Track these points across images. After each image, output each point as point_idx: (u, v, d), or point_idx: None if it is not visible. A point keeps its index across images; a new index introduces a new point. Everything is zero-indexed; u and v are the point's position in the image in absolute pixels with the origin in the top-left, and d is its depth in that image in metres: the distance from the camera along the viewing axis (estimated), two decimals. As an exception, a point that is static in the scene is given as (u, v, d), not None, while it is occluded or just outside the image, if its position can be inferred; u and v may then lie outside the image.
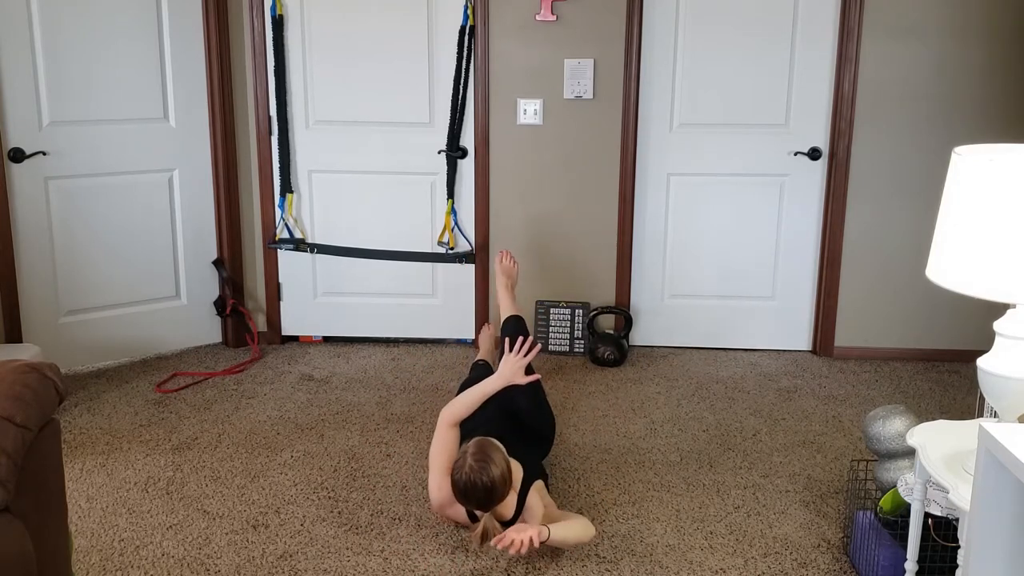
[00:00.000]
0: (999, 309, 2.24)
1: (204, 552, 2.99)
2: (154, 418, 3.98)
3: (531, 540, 2.79)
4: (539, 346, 3.31)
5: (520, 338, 3.26)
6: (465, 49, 4.50)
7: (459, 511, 3.06)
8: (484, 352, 4.21)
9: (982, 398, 2.73)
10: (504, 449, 2.98)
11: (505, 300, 4.11)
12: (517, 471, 3.06)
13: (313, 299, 4.85)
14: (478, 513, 2.99)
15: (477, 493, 2.86)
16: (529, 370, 3.33)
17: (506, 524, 3.03)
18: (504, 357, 3.22)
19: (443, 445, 3.11)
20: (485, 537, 2.90)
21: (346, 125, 4.65)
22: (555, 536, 2.89)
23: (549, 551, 3.00)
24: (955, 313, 4.62)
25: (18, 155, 4.09)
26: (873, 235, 4.62)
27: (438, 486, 3.06)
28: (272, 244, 4.75)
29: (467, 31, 4.49)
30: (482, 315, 4.78)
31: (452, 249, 4.71)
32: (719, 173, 4.66)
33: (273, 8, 4.50)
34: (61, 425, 3.77)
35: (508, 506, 3.01)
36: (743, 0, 4.46)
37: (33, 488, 2.17)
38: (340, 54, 4.57)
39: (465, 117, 4.59)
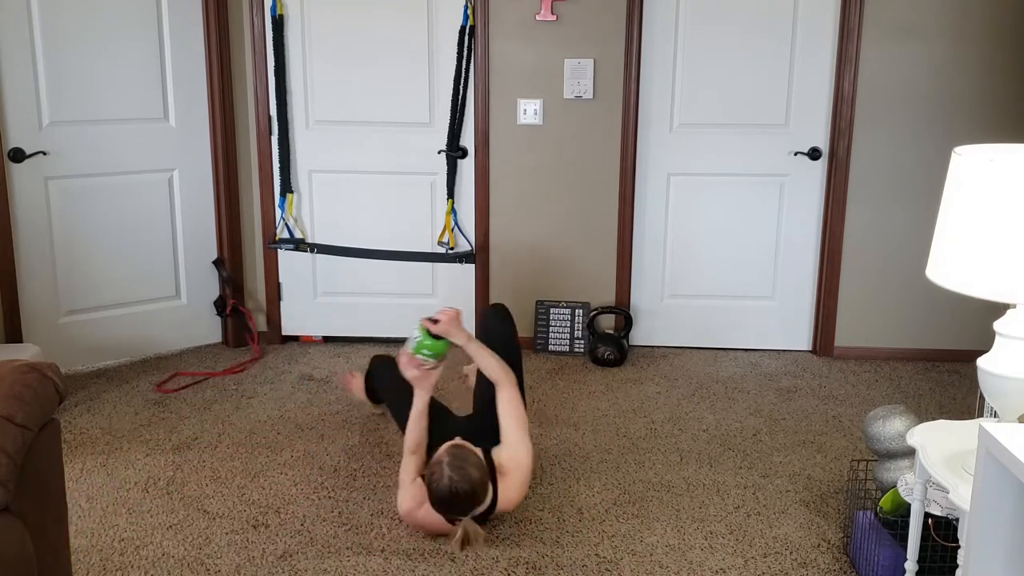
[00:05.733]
0: (999, 309, 2.24)
1: (204, 552, 2.99)
2: (154, 418, 3.98)
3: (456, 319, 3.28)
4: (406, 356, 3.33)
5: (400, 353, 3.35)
6: (465, 49, 4.50)
7: (431, 517, 3.02)
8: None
9: (982, 398, 2.72)
10: (474, 448, 3.02)
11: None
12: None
13: (313, 299, 4.85)
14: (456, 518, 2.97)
15: (460, 501, 2.88)
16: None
17: (480, 517, 3.00)
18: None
19: (404, 467, 3.16)
20: (466, 542, 2.89)
21: (346, 125, 4.65)
22: (474, 350, 3.30)
23: (550, 549, 3.00)
24: (955, 313, 4.62)
25: (18, 155, 4.09)
26: (873, 235, 4.62)
27: (403, 496, 3.08)
28: (272, 244, 4.75)
29: (467, 31, 4.48)
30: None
31: (452, 249, 4.71)
32: (719, 173, 4.65)
33: (273, 8, 4.50)
34: (61, 425, 3.76)
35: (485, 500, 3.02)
36: (743, 0, 4.46)
37: (33, 488, 2.17)
38: (340, 54, 4.57)
39: (465, 117, 4.59)
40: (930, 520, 2.60)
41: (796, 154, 4.60)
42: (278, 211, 4.72)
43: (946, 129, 4.48)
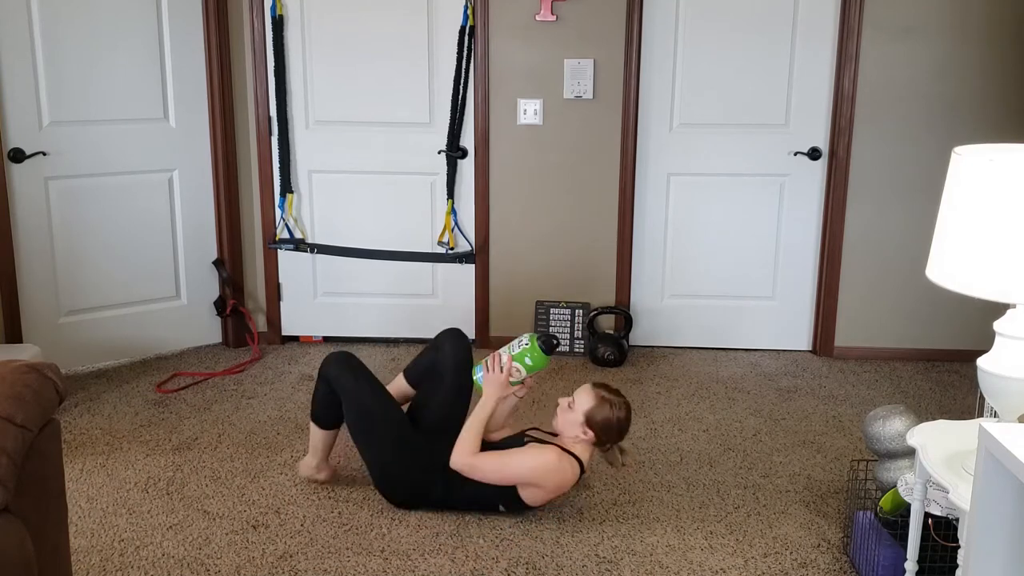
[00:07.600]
0: (999, 309, 2.24)
1: (204, 552, 2.99)
2: (154, 418, 3.98)
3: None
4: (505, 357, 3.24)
5: (494, 355, 3.24)
6: (465, 49, 4.50)
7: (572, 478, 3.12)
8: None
9: (982, 398, 2.72)
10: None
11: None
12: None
13: (313, 299, 4.85)
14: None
15: (627, 426, 3.15)
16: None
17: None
18: (484, 376, 3.20)
19: (499, 461, 3.09)
20: (623, 452, 3.19)
21: (346, 125, 4.65)
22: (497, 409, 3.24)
23: (550, 549, 3.00)
24: (955, 313, 4.62)
25: (18, 155, 4.09)
26: (873, 235, 4.62)
27: (548, 469, 3.08)
28: (272, 244, 4.75)
29: (467, 31, 4.48)
30: (482, 315, 4.78)
31: (452, 249, 4.71)
32: (719, 173, 4.66)
33: (273, 8, 4.50)
34: (61, 425, 3.76)
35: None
36: (743, 0, 4.46)
37: (33, 488, 2.17)
38: (340, 54, 4.57)
39: (465, 117, 4.59)
40: (930, 520, 2.60)
41: (796, 154, 4.60)
42: (278, 211, 4.72)
43: (946, 129, 4.48)
